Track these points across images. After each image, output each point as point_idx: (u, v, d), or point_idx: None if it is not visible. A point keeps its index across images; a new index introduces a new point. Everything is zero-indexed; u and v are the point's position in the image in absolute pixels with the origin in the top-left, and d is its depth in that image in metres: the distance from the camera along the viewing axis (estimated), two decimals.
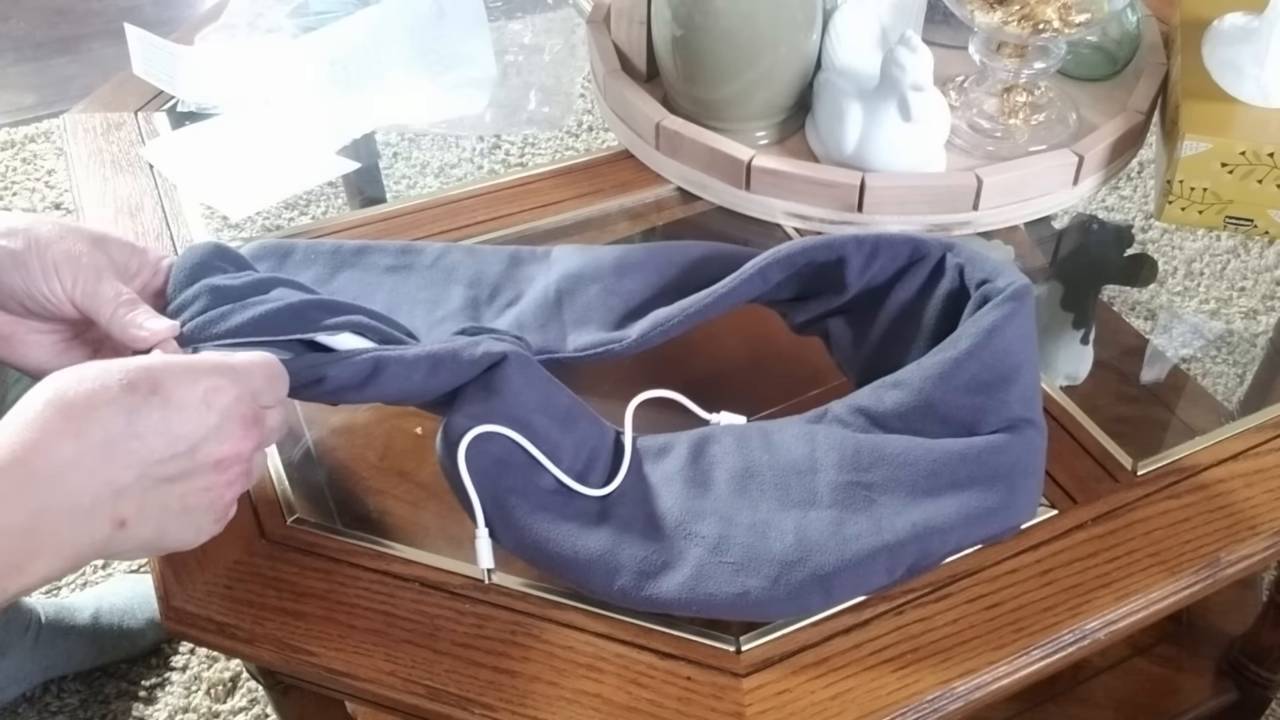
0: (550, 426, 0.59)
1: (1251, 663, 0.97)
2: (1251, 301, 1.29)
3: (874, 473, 0.58)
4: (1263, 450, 0.65)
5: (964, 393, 0.58)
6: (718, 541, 0.56)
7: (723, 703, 0.53)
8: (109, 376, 0.46)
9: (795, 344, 0.71)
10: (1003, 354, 0.58)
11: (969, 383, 0.58)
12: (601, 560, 0.55)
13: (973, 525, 0.57)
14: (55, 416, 0.45)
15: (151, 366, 0.48)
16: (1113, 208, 1.23)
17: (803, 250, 0.65)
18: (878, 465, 0.58)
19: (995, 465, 0.57)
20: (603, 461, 0.60)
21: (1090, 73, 0.90)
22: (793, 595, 0.55)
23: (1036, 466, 0.59)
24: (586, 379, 0.68)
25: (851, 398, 0.62)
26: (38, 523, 0.44)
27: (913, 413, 0.59)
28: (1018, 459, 0.58)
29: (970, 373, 0.58)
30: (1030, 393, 0.60)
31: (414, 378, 0.57)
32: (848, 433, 0.60)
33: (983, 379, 0.58)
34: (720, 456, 0.60)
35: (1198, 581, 0.59)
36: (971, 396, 0.58)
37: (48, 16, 2.26)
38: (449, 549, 0.60)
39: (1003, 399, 0.58)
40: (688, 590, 0.55)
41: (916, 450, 0.58)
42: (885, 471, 0.58)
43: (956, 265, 0.63)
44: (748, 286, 0.65)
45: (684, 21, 0.79)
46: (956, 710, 0.54)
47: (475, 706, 0.53)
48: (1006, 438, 0.58)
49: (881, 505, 0.57)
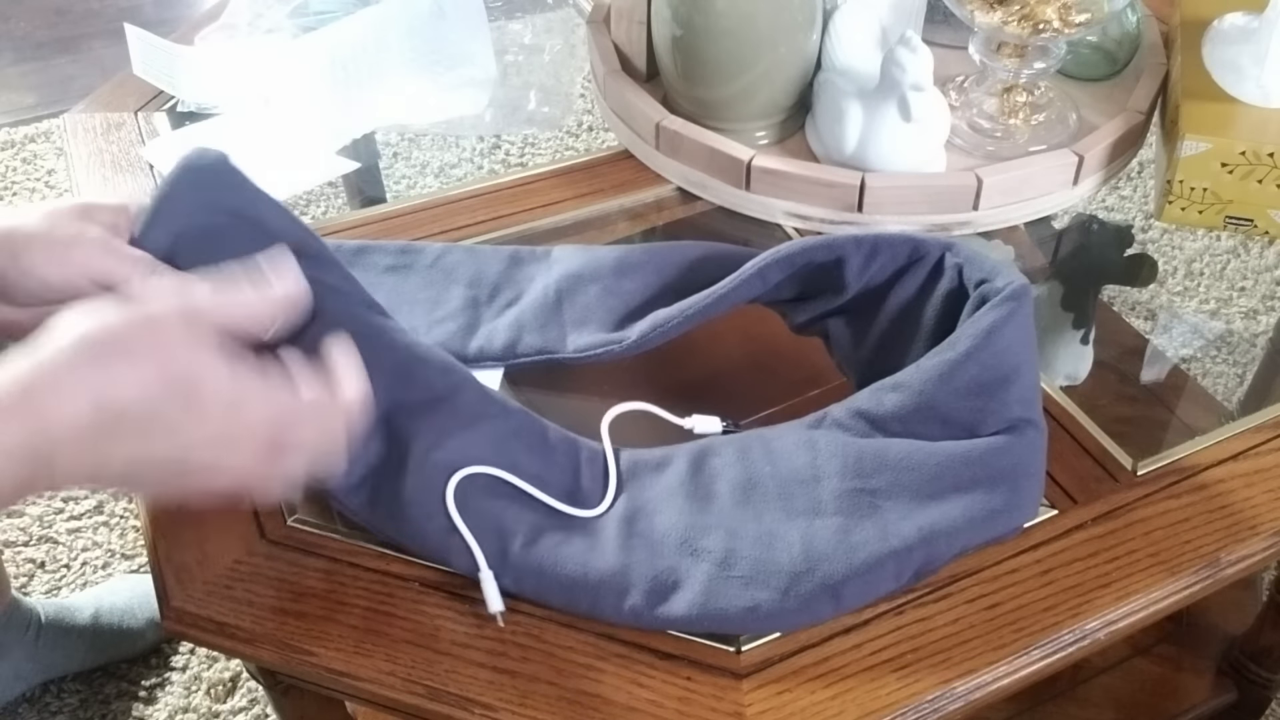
0: (529, 455, 0.59)
1: (1251, 663, 0.97)
2: (1251, 301, 1.29)
3: (877, 478, 0.58)
4: (1263, 450, 0.65)
5: (964, 395, 0.58)
6: (725, 556, 0.56)
7: (723, 703, 0.53)
8: (148, 357, 0.45)
9: (795, 344, 0.71)
10: (1002, 355, 0.58)
11: (969, 384, 0.58)
12: (610, 582, 0.55)
13: (977, 527, 0.57)
14: (86, 374, 0.44)
15: (199, 371, 0.46)
16: (1113, 208, 1.23)
17: (802, 250, 0.65)
18: (881, 471, 0.58)
19: (998, 467, 0.57)
20: (592, 480, 0.60)
21: (1090, 73, 0.90)
22: (803, 606, 0.55)
23: (1038, 467, 0.59)
24: (584, 380, 0.68)
25: (850, 401, 0.62)
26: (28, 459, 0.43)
27: (913, 415, 0.59)
28: (1019, 460, 0.58)
29: (970, 374, 0.58)
30: (1030, 393, 0.60)
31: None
32: (849, 438, 0.60)
33: (982, 380, 0.58)
34: (721, 469, 0.60)
35: (1198, 581, 0.59)
36: (972, 398, 0.58)
37: (48, 17, 2.26)
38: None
39: (1003, 400, 0.58)
40: (699, 608, 0.54)
41: (919, 454, 0.58)
42: (889, 477, 0.58)
43: (955, 265, 0.63)
44: (747, 287, 0.65)
45: (684, 21, 0.79)
46: (956, 711, 0.54)
47: (475, 706, 0.53)
48: (1008, 439, 0.58)
49: (886, 511, 0.57)
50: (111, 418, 0.44)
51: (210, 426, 0.46)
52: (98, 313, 0.46)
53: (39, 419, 0.43)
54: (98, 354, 0.45)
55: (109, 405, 0.44)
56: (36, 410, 0.43)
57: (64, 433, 0.43)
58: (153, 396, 0.45)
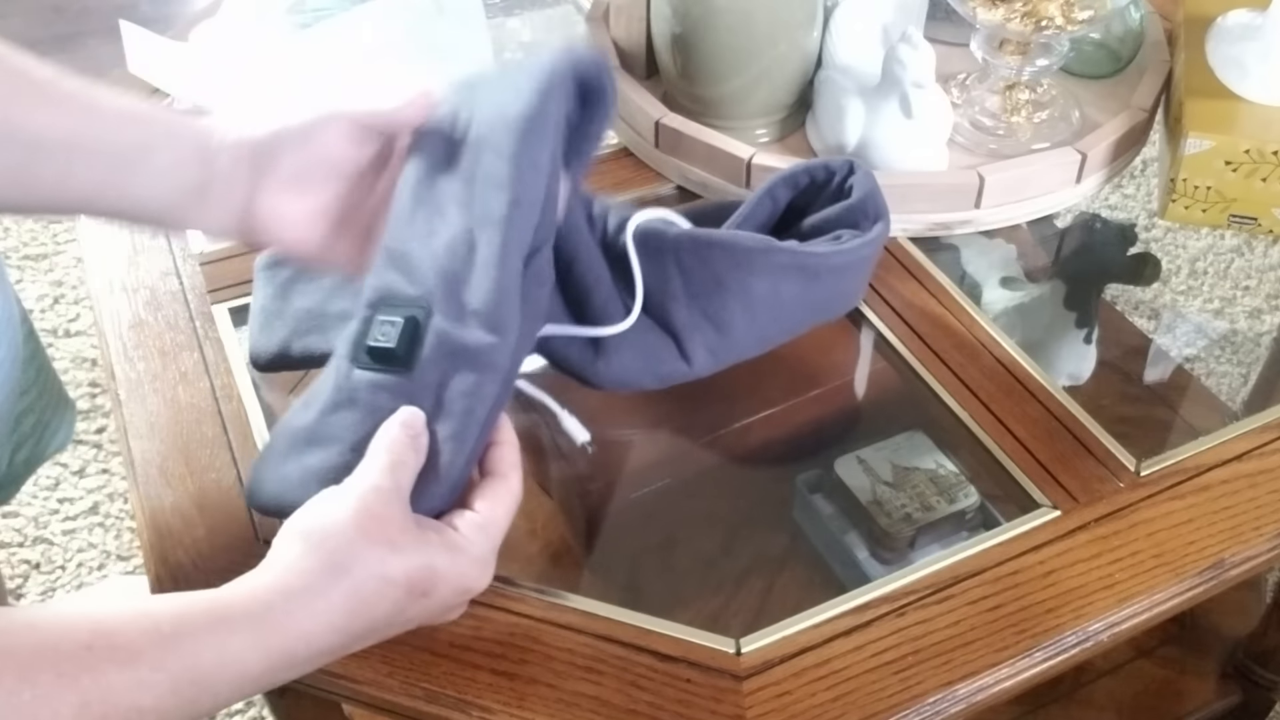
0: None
1: (1256, 665, 0.96)
2: (1255, 301, 1.28)
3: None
4: (1267, 450, 0.65)
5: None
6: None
7: (723, 705, 0.52)
8: (395, 571, 0.47)
9: (795, 344, 0.70)
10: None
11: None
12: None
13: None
14: (340, 602, 0.46)
15: (435, 570, 0.48)
16: (1116, 206, 1.23)
17: (805, 170, 0.66)
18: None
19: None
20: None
21: (1093, 70, 0.89)
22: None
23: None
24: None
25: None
26: (267, 681, 0.46)
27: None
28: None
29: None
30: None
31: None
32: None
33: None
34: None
35: (1201, 583, 0.59)
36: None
37: (44, 14, 2.26)
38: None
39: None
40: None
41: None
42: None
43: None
44: (761, 208, 0.66)
45: (684, 18, 0.78)
46: (958, 713, 0.53)
47: (473, 709, 0.53)
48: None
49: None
50: (356, 636, 0.47)
51: (436, 604, 0.49)
52: (324, 516, 0.47)
53: (283, 653, 0.45)
54: (341, 571, 0.46)
55: (355, 626, 0.47)
56: (285, 644, 0.45)
57: (308, 657, 0.46)
58: (399, 608, 0.48)
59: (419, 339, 0.51)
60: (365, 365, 0.52)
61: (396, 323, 0.51)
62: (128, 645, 0.42)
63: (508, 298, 0.51)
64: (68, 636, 0.41)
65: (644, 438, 0.62)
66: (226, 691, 0.44)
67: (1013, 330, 0.73)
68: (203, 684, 0.43)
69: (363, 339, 0.52)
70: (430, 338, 0.51)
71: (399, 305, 0.52)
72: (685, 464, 0.76)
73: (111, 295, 0.74)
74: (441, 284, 0.52)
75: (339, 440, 0.51)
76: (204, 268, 0.75)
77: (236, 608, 0.44)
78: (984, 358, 0.70)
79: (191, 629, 0.43)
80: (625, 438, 0.61)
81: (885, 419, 0.76)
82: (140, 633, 0.42)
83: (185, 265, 0.76)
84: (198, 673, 0.43)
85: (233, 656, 0.44)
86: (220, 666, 0.43)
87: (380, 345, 0.51)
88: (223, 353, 0.69)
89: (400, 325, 0.51)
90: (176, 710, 0.43)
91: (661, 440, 0.73)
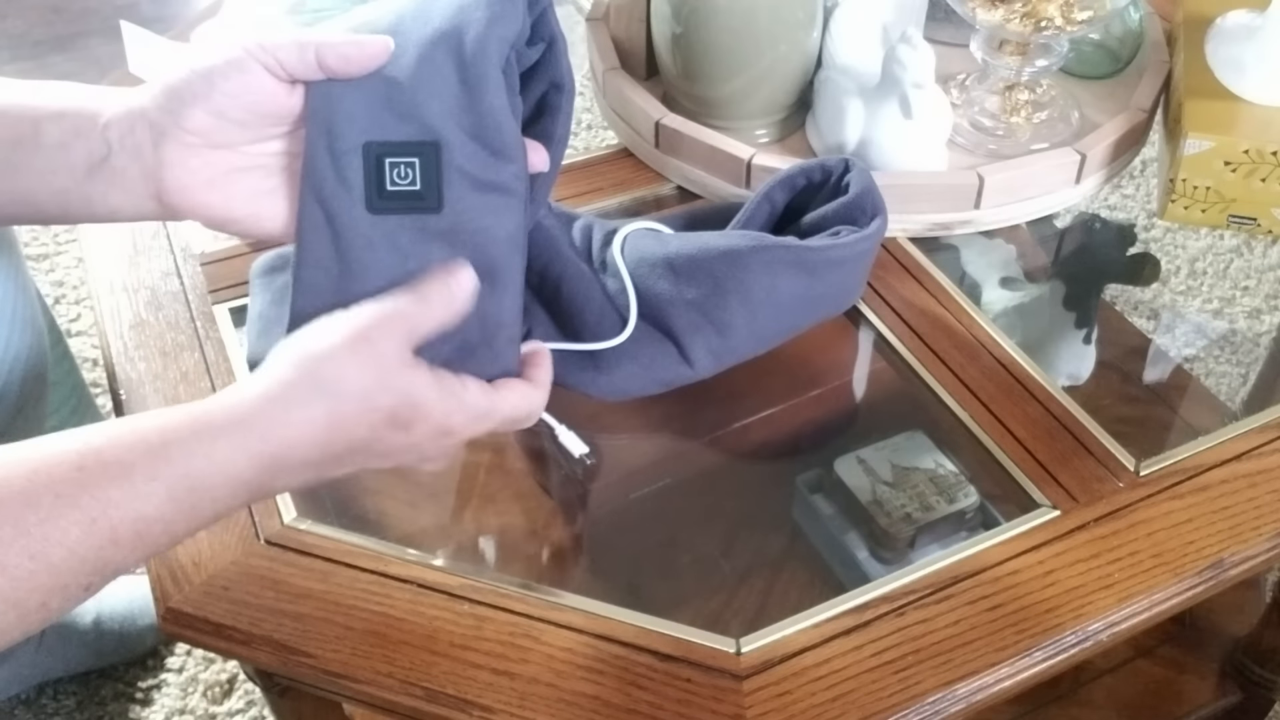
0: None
1: (1255, 664, 0.96)
2: (1255, 301, 1.28)
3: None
4: (1266, 450, 0.65)
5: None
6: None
7: (723, 705, 0.52)
8: (378, 397, 0.46)
9: (795, 344, 0.70)
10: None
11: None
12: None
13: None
14: (320, 416, 0.46)
15: (419, 406, 0.48)
16: (1115, 206, 1.23)
17: (801, 170, 0.67)
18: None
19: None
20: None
21: (1093, 71, 0.89)
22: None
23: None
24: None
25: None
26: (258, 485, 0.46)
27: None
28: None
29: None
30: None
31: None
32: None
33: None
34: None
35: (1201, 583, 0.59)
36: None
37: (44, 14, 2.25)
38: (447, 550, 0.59)
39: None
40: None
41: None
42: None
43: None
44: (759, 211, 0.67)
45: (684, 19, 0.78)
46: (958, 712, 0.53)
47: (473, 709, 0.53)
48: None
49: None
50: (334, 456, 0.47)
51: (417, 441, 0.49)
52: (316, 338, 0.47)
53: (270, 458, 0.45)
54: (324, 390, 0.46)
55: (335, 444, 0.46)
56: (269, 449, 0.45)
57: (292, 466, 0.46)
58: (377, 434, 0.47)
59: (439, 176, 0.50)
60: (382, 210, 0.50)
61: (413, 163, 0.49)
62: (118, 460, 0.42)
63: (509, 122, 0.51)
64: (59, 461, 0.42)
65: (644, 438, 0.62)
66: (225, 496, 0.45)
67: (1012, 330, 0.73)
68: (199, 489, 0.43)
69: (376, 185, 0.50)
70: (450, 174, 0.50)
71: (397, 148, 0.50)
72: (685, 464, 0.76)
73: (112, 295, 0.74)
74: (441, 119, 0.50)
75: (369, 285, 0.49)
76: (205, 268, 0.75)
77: (219, 415, 0.45)
78: (984, 358, 0.70)
79: (178, 438, 0.43)
80: (625, 438, 0.61)
81: (885, 419, 0.76)
82: (128, 448, 0.43)
83: (186, 265, 0.76)
84: (192, 479, 0.43)
85: (222, 459, 0.44)
86: (211, 471, 0.44)
87: (402, 188, 0.50)
88: (224, 353, 0.70)
89: (418, 165, 0.49)
90: (179, 517, 0.43)
91: (661, 440, 0.73)
